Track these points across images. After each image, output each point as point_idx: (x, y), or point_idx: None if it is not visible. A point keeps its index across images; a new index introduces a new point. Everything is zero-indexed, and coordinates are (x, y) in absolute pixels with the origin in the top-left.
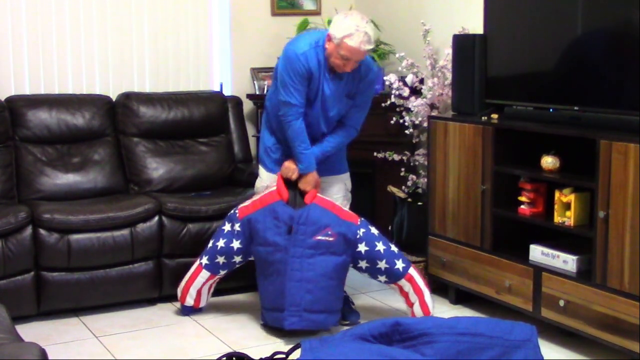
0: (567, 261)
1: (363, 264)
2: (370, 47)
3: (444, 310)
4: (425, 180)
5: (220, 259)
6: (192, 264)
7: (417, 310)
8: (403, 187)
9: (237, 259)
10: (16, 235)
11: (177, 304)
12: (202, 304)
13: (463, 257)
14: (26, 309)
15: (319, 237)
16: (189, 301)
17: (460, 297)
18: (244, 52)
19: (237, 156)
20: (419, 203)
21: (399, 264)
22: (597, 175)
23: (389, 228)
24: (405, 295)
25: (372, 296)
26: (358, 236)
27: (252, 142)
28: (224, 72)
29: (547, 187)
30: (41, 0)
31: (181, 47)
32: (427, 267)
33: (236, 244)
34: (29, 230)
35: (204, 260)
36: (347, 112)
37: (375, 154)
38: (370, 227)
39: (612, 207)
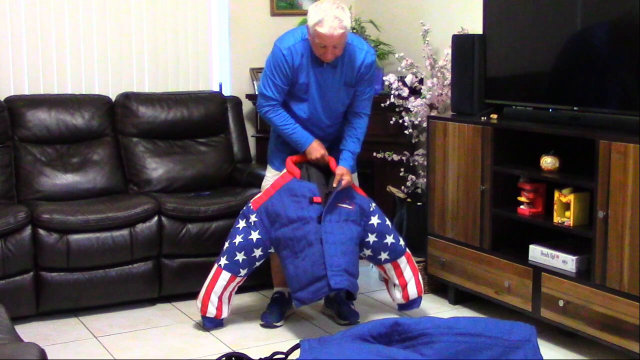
0: (566, 261)
1: (372, 237)
2: (342, 30)
3: (443, 310)
4: (425, 180)
5: (240, 256)
6: (192, 263)
7: (412, 289)
8: (402, 187)
9: (257, 252)
10: (15, 236)
11: (177, 304)
12: (225, 314)
13: (462, 257)
14: (25, 309)
15: (341, 205)
16: (211, 311)
17: (460, 297)
18: (243, 52)
19: (237, 156)
20: (419, 203)
21: (401, 241)
22: (596, 176)
23: None
24: (399, 274)
25: (371, 296)
26: (371, 208)
27: (251, 142)
28: (223, 72)
29: (546, 187)
30: (40, 0)
31: (180, 47)
32: (426, 267)
33: (255, 235)
34: (28, 231)
35: (223, 260)
36: (353, 101)
37: (374, 154)
38: None
39: (612, 207)
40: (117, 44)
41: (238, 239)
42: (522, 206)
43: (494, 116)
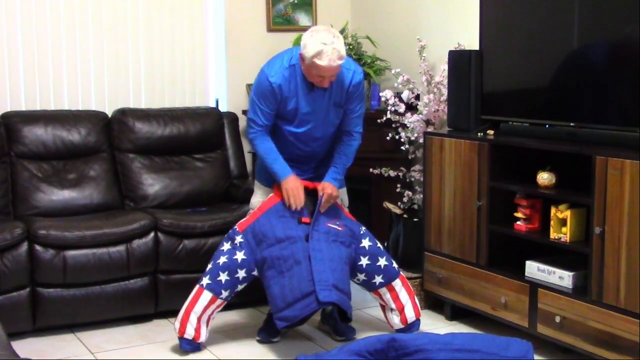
0: (563, 277)
1: (365, 260)
2: (341, 61)
3: (439, 326)
4: (421, 196)
5: (223, 276)
6: (188, 279)
7: (409, 312)
8: (399, 203)
9: (241, 273)
10: (12, 251)
11: (173, 320)
12: (202, 337)
13: (459, 273)
14: (22, 325)
15: (330, 225)
16: (190, 331)
17: (456, 313)
18: (239, 68)
19: (233, 172)
20: (415, 219)
21: (394, 264)
22: (593, 192)
23: (385, 244)
24: (395, 297)
25: (368, 312)
26: (361, 232)
27: (247, 158)
28: (220, 88)
29: (543, 203)
30: (37, 16)
31: (177, 62)
32: (423, 283)
33: (240, 256)
34: (24, 247)
35: (205, 280)
36: (344, 121)
37: (371, 170)
38: None
39: (608, 223)
40: (113, 59)
41: (222, 259)
42: (518, 222)
43: (491, 132)
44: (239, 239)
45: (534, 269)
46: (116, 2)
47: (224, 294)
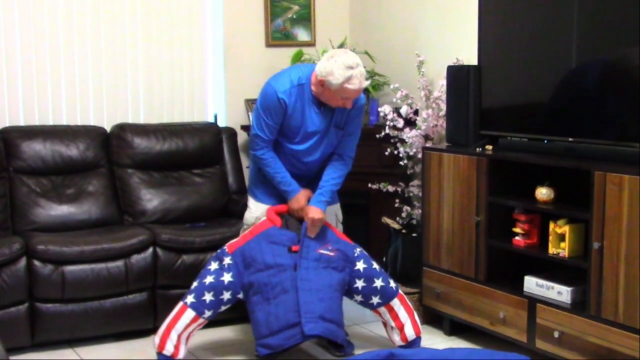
0: (561, 292)
1: (360, 283)
2: (368, 81)
3: (438, 341)
4: (420, 211)
5: (208, 296)
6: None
7: (409, 330)
8: (397, 218)
9: (226, 295)
10: (10, 267)
11: None
12: (181, 354)
13: (457, 288)
14: (20, 340)
15: (321, 251)
16: (169, 348)
17: (455, 328)
18: (238, 83)
19: (232, 187)
20: (414, 234)
21: (392, 283)
22: (591, 207)
23: (383, 259)
24: (394, 317)
25: (366, 327)
26: (356, 254)
27: (246, 173)
28: (218, 103)
29: (541, 218)
30: (35, 32)
31: (175, 78)
32: (421, 299)
33: (227, 277)
34: (23, 262)
35: (190, 298)
36: (339, 143)
37: (369, 185)
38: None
39: (607, 238)
40: (112, 74)
41: (209, 279)
42: (517, 237)
43: (489, 147)
44: (227, 260)
45: (532, 284)
46: (115, 17)
47: (207, 313)
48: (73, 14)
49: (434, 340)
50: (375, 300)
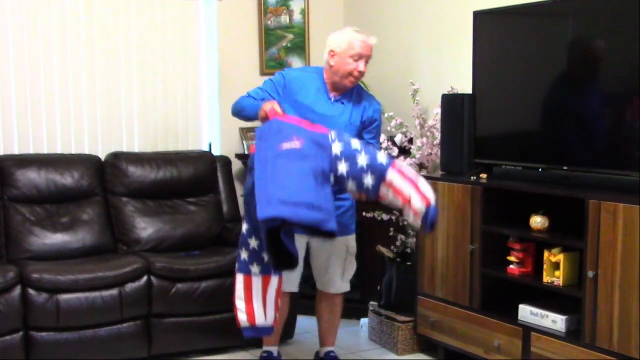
0: (556, 321)
1: (343, 167)
2: (374, 41)
3: None
4: (414, 240)
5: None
6: (181, 323)
7: (417, 203)
8: (392, 246)
9: (252, 242)
10: (5, 295)
11: None
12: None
13: (452, 316)
14: None
15: (285, 146)
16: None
17: (449, 356)
18: None
19: (226, 216)
20: (408, 263)
21: (380, 156)
22: (586, 235)
23: (378, 288)
24: (397, 192)
25: (361, 356)
26: (331, 139)
27: (240, 201)
28: (213, 132)
29: (536, 246)
30: (29, 60)
31: (170, 106)
32: (416, 327)
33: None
34: (17, 290)
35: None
36: None
37: (364, 213)
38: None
39: (601, 266)
40: (106, 103)
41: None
42: (511, 265)
43: (484, 175)
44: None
45: (526, 312)
46: (109, 45)
47: (254, 269)
48: (67, 43)
49: None
50: (369, 180)
